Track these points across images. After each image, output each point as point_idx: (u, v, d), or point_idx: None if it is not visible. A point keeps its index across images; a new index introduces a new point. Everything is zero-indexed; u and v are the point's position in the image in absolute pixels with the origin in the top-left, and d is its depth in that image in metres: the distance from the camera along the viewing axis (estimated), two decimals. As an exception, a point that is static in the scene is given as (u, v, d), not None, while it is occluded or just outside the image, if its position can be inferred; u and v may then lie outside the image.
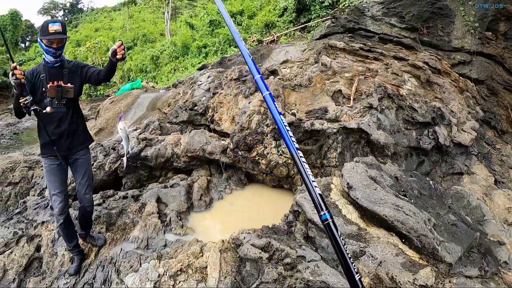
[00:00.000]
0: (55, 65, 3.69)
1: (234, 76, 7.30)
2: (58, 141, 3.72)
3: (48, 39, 3.50)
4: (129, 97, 12.44)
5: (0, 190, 7.36)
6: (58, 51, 3.62)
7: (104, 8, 79.37)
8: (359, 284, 0.86)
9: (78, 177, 3.98)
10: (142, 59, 30.01)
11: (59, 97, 3.61)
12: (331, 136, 5.23)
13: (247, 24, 22.36)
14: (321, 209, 1.28)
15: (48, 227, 4.98)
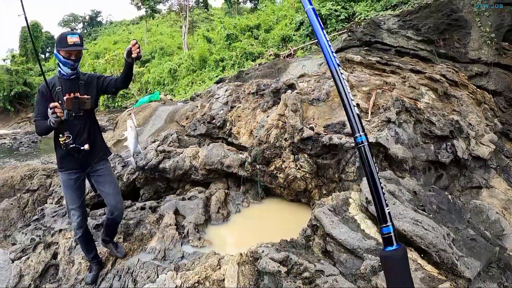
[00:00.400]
0: (71, 77, 3.70)
1: (252, 90, 7.37)
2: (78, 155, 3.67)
3: (66, 51, 3.50)
4: (147, 109, 12.61)
5: (18, 196, 7.49)
6: (76, 63, 3.64)
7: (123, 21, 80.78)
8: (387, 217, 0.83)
9: (105, 188, 3.92)
10: (160, 72, 30.41)
11: (76, 109, 3.57)
12: (349, 151, 5.23)
13: (263, 38, 22.52)
14: (358, 130, 1.23)
15: (65, 235, 5.05)
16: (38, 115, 3.69)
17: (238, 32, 25.04)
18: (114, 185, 3.97)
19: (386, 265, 0.81)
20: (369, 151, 0.84)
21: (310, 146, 5.24)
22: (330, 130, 5.54)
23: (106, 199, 3.95)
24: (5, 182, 8.38)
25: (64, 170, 3.77)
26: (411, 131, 5.82)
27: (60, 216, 5.64)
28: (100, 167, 3.89)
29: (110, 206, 3.94)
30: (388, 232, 0.81)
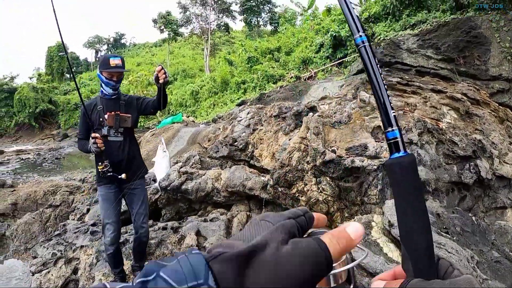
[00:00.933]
0: (112, 97, 3.87)
1: (274, 112, 7.44)
2: (117, 170, 3.79)
3: (109, 72, 3.71)
4: (170, 130, 12.85)
5: (40, 211, 7.69)
6: (117, 84, 3.83)
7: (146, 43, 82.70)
8: (393, 120, 0.73)
9: (135, 207, 4.02)
10: (182, 93, 30.87)
11: (117, 126, 3.77)
12: (372, 173, 5.23)
13: (284, 61, 22.76)
14: (358, 31, 1.15)
15: (86, 251, 5.12)
16: (80, 133, 3.95)
17: (259, 55, 25.38)
18: (144, 205, 4.07)
19: (392, 173, 0.70)
20: (371, 50, 0.80)
21: (332, 169, 5.25)
22: (352, 152, 5.55)
23: (134, 217, 4.04)
24: (28, 196, 8.66)
25: (103, 184, 3.87)
26: (433, 152, 5.79)
27: (82, 233, 5.75)
28: (136, 186, 4.01)
29: (136, 224, 4.04)
30: (394, 137, 0.72)
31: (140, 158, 4.18)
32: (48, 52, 61.44)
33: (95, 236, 5.58)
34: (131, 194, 4.01)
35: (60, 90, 57.70)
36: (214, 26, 45.04)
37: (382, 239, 4.13)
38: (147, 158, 11.58)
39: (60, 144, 41.76)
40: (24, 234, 7.09)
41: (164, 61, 51.31)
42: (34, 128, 52.63)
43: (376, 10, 18.02)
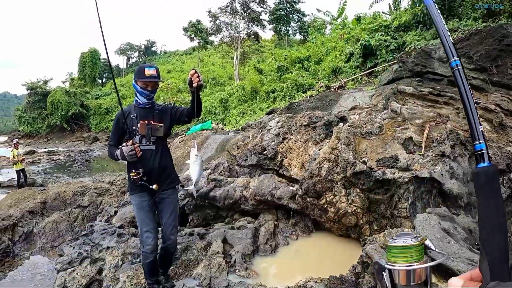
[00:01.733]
0: (146, 106, 3.88)
1: (304, 122, 7.42)
2: (148, 179, 3.76)
3: (144, 82, 3.75)
4: (199, 137, 13.01)
5: (68, 211, 7.88)
6: (152, 93, 3.84)
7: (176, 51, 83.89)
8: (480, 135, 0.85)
9: (164, 216, 3.99)
10: (211, 101, 31.14)
11: (149, 135, 3.77)
12: (403, 186, 5.14)
13: (314, 70, 22.69)
14: (452, 55, 1.22)
15: (113, 252, 5.17)
16: (111, 140, 3.97)
17: (289, 64, 25.39)
18: (174, 216, 4.03)
19: (478, 181, 0.82)
20: (463, 72, 0.90)
21: (363, 180, 5.18)
22: (382, 164, 5.48)
23: (163, 227, 4.01)
24: (58, 196, 8.89)
25: (137, 193, 3.87)
26: (466, 165, 5.64)
27: (109, 234, 5.81)
28: (167, 195, 3.97)
29: (165, 235, 3.99)
30: (480, 149, 0.84)
31: (172, 167, 4.14)
32: (81, 58, 63.09)
33: (122, 238, 5.64)
34: (162, 203, 3.99)
35: (92, 95, 59.13)
36: (243, 35, 45.28)
37: (413, 253, 4.04)
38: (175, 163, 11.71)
39: (90, 147, 42.81)
40: (51, 232, 7.29)
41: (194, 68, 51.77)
42: (66, 130, 54.24)
43: (406, 18, 17.89)
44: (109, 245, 5.43)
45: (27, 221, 7.70)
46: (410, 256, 1.17)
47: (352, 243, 5.60)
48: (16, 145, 15.37)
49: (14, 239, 7.10)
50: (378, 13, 23.56)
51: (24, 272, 6.11)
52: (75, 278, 4.66)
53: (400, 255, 1.16)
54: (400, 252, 1.15)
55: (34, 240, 7.24)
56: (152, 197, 3.89)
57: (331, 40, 26.45)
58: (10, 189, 14.91)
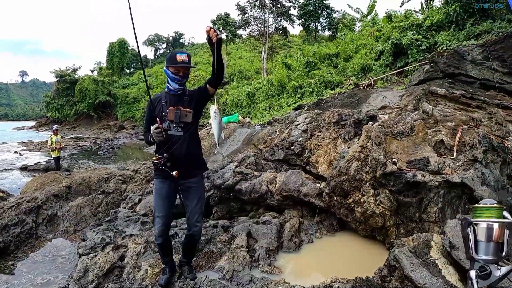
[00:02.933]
0: (177, 92, 3.88)
1: (333, 119, 7.34)
2: (174, 166, 3.75)
3: (175, 67, 3.76)
4: (225, 130, 13.00)
5: (93, 196, 8.02)
6: (184, 79, 3.85)
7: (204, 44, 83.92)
8: None
9: (190, 204, 3.97)
10: (238, 94, 31.15)
11: (178, 120, 3.75)
12: (433, 190, 5.02)
13: (342, 67, 22.44)
14: None
15: (135, 240, 5.18)
16: (145, 127, 4.02)
17: (317, 60, 25.18)
18: (200, 204, 4.02)
19: None
20: None
21: (392, 181, 5.09)
22: (413, 166, 5.38)
23: (188, 214, 4.01)
24: (83, 181, 9.05)
25: (160, 178, 3.91)
26: (497, 172, 5.50)
27: (133, 222, 5.85)
28: (193, 182, 3.96)
29: (190, 222, 4.01)
30: None
31: (200, 155, 4.13)
32: (109, 48, 64.10)
33: (145, 226, 5.68)
34: (187, 191, 3.98)
35: (119, 84, 60.10)
36: (272, 29, 45.08)
37: (441, 260, 3.95)
38: (202, 155, 11.78)
39: (116, 135, 43.49)
40: (75, 216, 7.45)
41: (207, 26, 51.91)
42: (93, 118, 55.36)
43: (439, 18, 17.50)
44: (132, 233, 5.48)
45: (51, 204, 7.88)
46: (491, 216, 1.53)
47: (377, 245, 5.52)
48: (55, 131, 15.23)
49: (38, 221, 7.26)
50: (410, 11, 23.12)
51: (46, 254, 6.25)
52: (96, 263, 4.70)
53: (484, 213, 1.53)
54: (485, 211, 1.51)
55: (57, 223, 7.40)
56: (175, 184, 3.92)
57: (361, 37, 26.14)
58: (36, 172, 15.27)
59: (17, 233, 6.53)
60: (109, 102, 55.41)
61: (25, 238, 6.63)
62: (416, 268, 3.72)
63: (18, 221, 6.77)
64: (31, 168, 16.67)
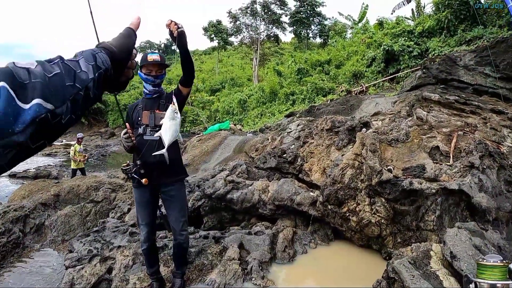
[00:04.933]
0: (153, 95, 3.79)
1: (326, 126, 7.21)
2: (150, 172, 3.63)
3: (147, 67, 3.65)
4: (216, 137, 12.84)
5: (81, 205, 7.78)
6: (157, 79, 3.71)
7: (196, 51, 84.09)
8: None
9: (172, 213, 3.86)
10: (229, 101, 31.05)
11: (152, 123, 3.67)
12: (430, 197, 4.88)
13: (334, 74, 22.41)
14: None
15: (123, 252, 5.02)
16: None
17: (309, 67, 25.17)
18: (182, 212, 3.90)
19: None
20: None
21: (388, 190, 4.94)
22: (409, 173, 5.24)
23: (172, 224, 3.90)
24: (71, 189, 8.83)
25: (137, 187, 3.79)
26: (494, 178, 5.38)
27: (121, 233, 5.67)
28: (173, 189, 3.83)
29: (175, 232, 3.91)
30: None
31: (179, 161, 3.96)
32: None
33: (134, 237, 5.50)
34: (168, 199, 3.87)
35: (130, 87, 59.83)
36: (263, 36, 45.23)
37: (442, 271, 3.80)
38: (192, 163, 11.59)
39: (107, 142, 43.09)
40: (63, 226, 7.22)
41: (213, 68, 52.07)
42: (83, 124, 54.73)
43: (430, 24, 17.60)
44: (121, 244, 5.29)
45: (39, 213, 7.66)
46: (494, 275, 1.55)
47: (374, 254, 5.36)
48: (80, 140, 13.90)
49: (26, 230, 7.06)
50: (401, 18, 23.19)
51: (33, 265, 6.06)
52: (83, 276, 4.56)
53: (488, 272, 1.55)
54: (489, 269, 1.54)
55: (45, 233, 7.20)
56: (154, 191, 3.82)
57: (352, 44, 26.16)
58: (25, 180, 14.95)
59: (3, 242, 6.33)
60: (100, 109, 55.01)
61: (12, 248, 6.43)
62: (417, 280, 3.56)
63: (4, 230, 6.56)
64: (20, 176, 16.32)
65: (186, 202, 4.10)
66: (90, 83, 0.92)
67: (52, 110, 0.77)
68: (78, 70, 0.89)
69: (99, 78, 0.96)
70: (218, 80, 44.96)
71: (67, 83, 0.83)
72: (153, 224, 3.96)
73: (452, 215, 5.04)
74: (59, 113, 0.79)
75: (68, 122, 0.84)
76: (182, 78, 3.66)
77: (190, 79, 3.69)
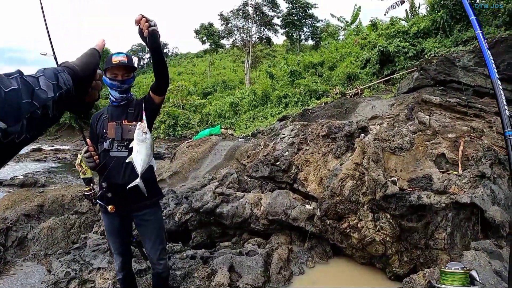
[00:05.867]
0: (120, 103, 3.21)
1: (322, 132, 6.71)
2: (117, 196, 3.09)
3: (111, 71, 3.07)
4: (207, 143, 12.27)
5: (65, 217, 7.26)
6: (124, 84, 3.12)
7: (188, 54, 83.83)
8: None
9: (148, 242, 3.32)
10: (221, 105, 30.57)
11: (119, 137, 3.08)
12: (440, 212, 4.40)
13: (328, 76, 21.98)
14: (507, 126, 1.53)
15: (103, 274, 4.56)
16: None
17: (302, 69, 24.74)
18: (159, 239, 3.33)
19: None
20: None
21: (394, 205, 4.42)
22: (415, 185, 4.75)
23: (148, 252, 3.38)
24: (56, 199, 8.32)
25: (106, 212, 3.18)
26: (506, 187, 4.93)
27: (101, 252, 5.16)
28: (148, 216, 3.25)
29: (152, 261, 3.36)
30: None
31: (153, 180, 3.34)
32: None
33: (115, 258, 5.04)
34: (142, 225, 3.30)
35: (101, 94, 58.64)
36: (255, 38, 44.84)
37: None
38: (181, 170, 11.04)
39: (98, 147, 42.48)
40: (46, 239, 6.74)
41: (205, 71, 51.61)
42: (74, 129, 53.94)
43: (425, 25, 17.31)
44: (100, 266, 4.78)
45: (22, 225, 7.16)
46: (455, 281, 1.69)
47: (377, 274, 4.87)
48: None
49: (7, 244, 6.61)
50: (396, 18, 22.87)
51: (14, 282, 5.64)
52: (60, 302, 4.09)
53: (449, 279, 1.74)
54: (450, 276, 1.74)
55: (28, 246, 6.74)
56: (125, 217, 3.27)
57: (345, 45, 25.78)
58: (12, 187, 14.29)
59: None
60: (90, 113, 54.33)
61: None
62: None
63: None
64: (6, 183, 15.58)
65: (163, 226, 3.48)
66: (49, 102, 0.87)
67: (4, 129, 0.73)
68: (37, 87, 0.85)
69: (59, 98, 0.92)
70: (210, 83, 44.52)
71: (23, 100, 0.80)
72: (128, 252, 3.44)
73: (464, 231, 4.58)
74: (11, 132, 0.76)
75: (22, 141, 0.80)
76: (154, 84, 3.11)
77: (164, 87, 3.15)
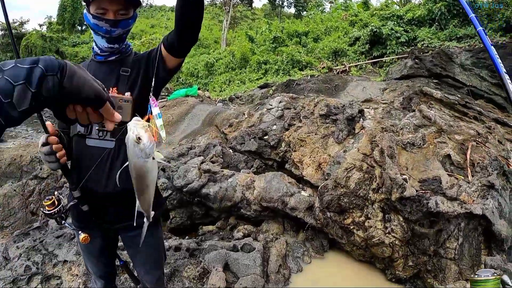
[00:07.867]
0: (108, 58, 2.04)
1: (320, 111, 6.19)
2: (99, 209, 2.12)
3: (98, 4, 1.87)
4: (183, 105, 11.47)
5: (23, 182, 6.36)
6: (117, 28, 1.92)
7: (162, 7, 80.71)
8: None
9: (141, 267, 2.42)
10: (194, 63, 29.33)
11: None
12: (452, 221, 4.04)
13: (312, 47, 21.30)
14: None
15: (71, 269, 3.86)
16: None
17: (285, 37, 23.89)
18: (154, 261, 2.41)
19: None
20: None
21: (409, 208, 4.01)
22: (426, 187, 4.35)
23: (139, 275, 2.52)
24: (13, 160, 7.45)
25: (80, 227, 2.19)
26: (508, 200, 4.64)
27: (67, 240, 4.28)
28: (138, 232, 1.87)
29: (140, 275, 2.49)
30: None
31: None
32: (61, 1, 59.52)
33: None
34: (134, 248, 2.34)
35: (69, 42, 56.15)
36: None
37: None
38: (154, 131, 10.33)
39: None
40: (2, 209, 5.93)
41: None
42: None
43: (421, 13, 16.94)
44: (67, 258, 4.00)
45: (-25, 192, 6.28)
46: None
47: (376, 273, 4.49)
48: None
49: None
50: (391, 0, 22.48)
51: None
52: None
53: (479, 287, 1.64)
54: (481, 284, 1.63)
55: (-19, 218, 5.94)
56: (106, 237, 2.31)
57: (331, 19, 25.08)
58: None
59: None
60: (57, 61, 51.86)
61: None
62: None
63: None
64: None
65: (164, 248, 2.56)
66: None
67: None
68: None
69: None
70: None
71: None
72: (111, 274, 2.56)
73: (471, 241, 4.27)
74: None
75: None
76: (173, 36, 1.93)
77: (189, 41, 1.95)
